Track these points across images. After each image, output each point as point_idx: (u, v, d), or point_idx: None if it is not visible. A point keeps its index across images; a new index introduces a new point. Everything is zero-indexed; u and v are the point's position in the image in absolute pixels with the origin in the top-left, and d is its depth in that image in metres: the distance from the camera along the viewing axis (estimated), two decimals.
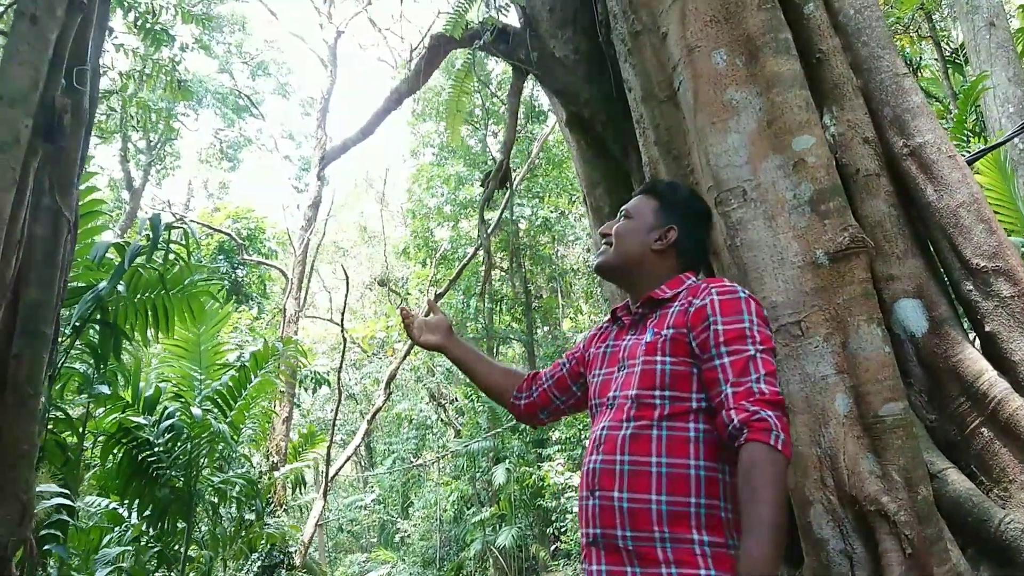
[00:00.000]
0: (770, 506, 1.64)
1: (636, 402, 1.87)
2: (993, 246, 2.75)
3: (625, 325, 2.13)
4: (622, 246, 2.12)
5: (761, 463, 1.67)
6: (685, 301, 1.96)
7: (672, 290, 2.03)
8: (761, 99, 2.86)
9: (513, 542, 15.92)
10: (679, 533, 1.74)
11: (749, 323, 1.85)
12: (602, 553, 1.81)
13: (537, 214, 18.15)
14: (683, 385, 1.87)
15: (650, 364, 1.90)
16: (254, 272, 18.03)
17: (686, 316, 1.91)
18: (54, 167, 2.93)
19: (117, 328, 5.41)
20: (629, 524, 1.77)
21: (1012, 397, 2.58)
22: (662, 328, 1.94)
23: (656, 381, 1.87)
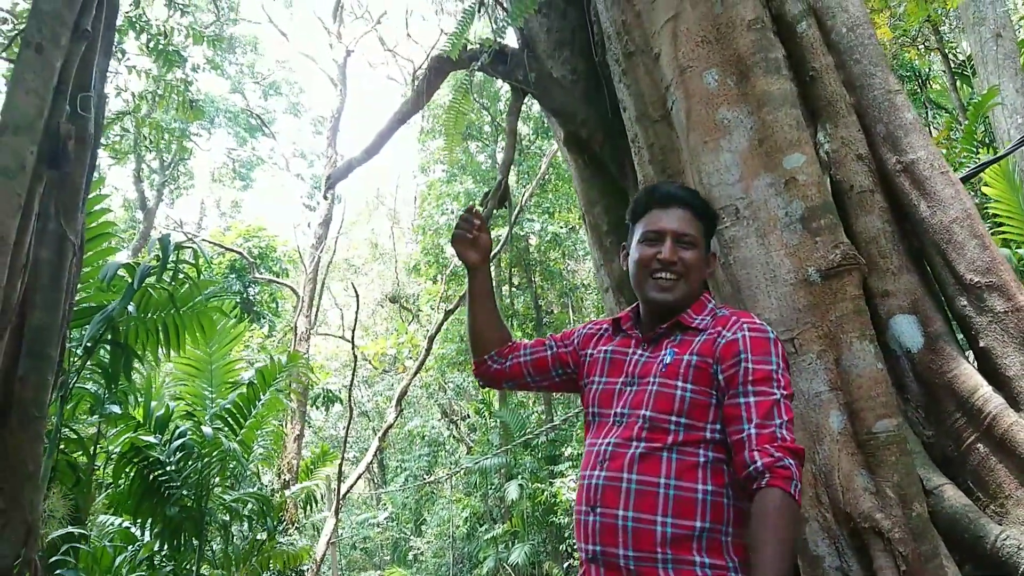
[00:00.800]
0: (782, 549, 1.65)
1: (650, 423, 1.85)
2: (986, 262, 2.76)
3: (632, 337, 2.09)
4: (693, 282, 2.03)
5: (780, 509, 1.68)
6: (714, 331, 1.94)
7: (698, 315, 2.01)
8: (752, 118, 2.89)
9: (526, 559, 15.86)
10: (682, 555, 1.75)
11: (776, 366, 1.85)
12: (602, 570, 1.80)
13: (547, 229, 18.19)
14: (700, 415, 1.86)
15: (669, 388, 1.88)
16: (265, 290, 18.15)
17: (714, 347, 1.90)
18: (59, 192, 2.99)
19: (128, 348, 5.47)
20: (632, 544, 1.76)
21: (1007, 413, 2.58)
22: (684, 353, 1.92)
23: (674, 407, 1.86)
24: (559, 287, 19.65)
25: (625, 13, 3.34)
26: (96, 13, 3.09)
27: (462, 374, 21.14)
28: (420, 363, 14.99)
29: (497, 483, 17.69)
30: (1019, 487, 2.53)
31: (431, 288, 21.13)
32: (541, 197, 18.61)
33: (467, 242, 2.29)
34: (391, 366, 22.61)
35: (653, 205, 2.07)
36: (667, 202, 2.06)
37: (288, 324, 18.56)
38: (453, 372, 20.81)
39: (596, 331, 2.22)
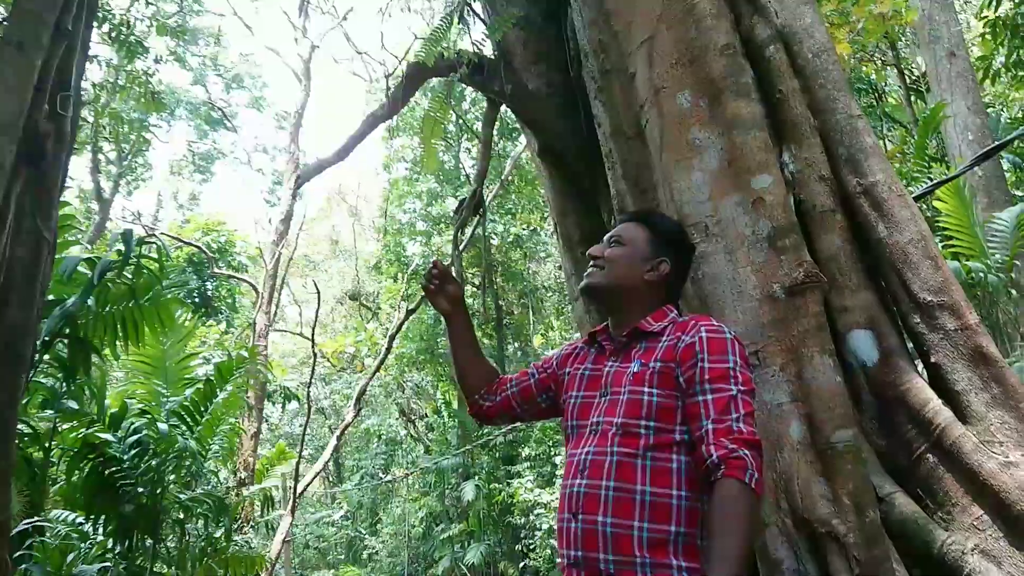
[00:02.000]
0: (739, 539, 1.74)
1: (622, 430, 1.94)
2: (939, 282, 2.91)
3: (605, 350, 2.19)
4: (614, 271, 2.17)
5: (735, 498, 1.77)
6: (674, 336, 2.05)
7: (657, 322, 2.12)
8: (723, 139, 3.01)
9: (482, 559, 15.94)
10: (659, 559, 1.83)
11: (733, 363, 1.95)
12: (583, 574, 1.88)
13: (509, 231, 18.28)
14: (668, 417, 1.95)
15: (637, 394, 1.98)
16: (224, 286, 17.91)
17: (675, 351, 2.00)
18: (36, 190, 2.98)
19: (87, 343, 5.41)
20: (612, 548, 1.84)
21: (955, 425, 2.73)
22: (650, 360, 2.02)
23: (643, 411, 1.95)
24: (520, 288, 19.75)
25: (603, 33, 3.44)
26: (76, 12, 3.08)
27: (420, 373, 21.12)
28: (380, 361, 14.96)
29: (454, 483, 17.73)
30: (965, 495, 2.68)
31: (392, 287, 21.06)
32: (504, 198, 18.70)
33: (436, 293, 2.42)
34: (349, 364, 22.49)
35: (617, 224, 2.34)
36: (623, 219, 2.34)
37: (246, 320, 18.36)
38: (412, 371, 20.79)
39: (573, 350, 2.33)
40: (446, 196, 19.75)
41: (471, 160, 20.63)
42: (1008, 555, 2.54)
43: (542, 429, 15.12)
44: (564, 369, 2.28)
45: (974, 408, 2.77)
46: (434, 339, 19.16)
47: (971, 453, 2.66)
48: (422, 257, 19.78)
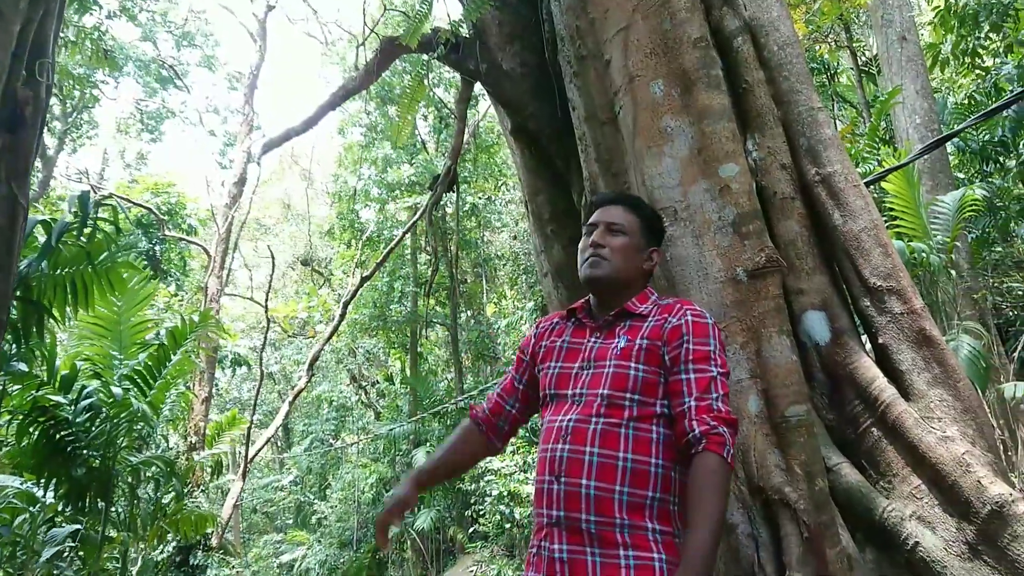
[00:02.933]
0: (716, 508, 1.89)
1: (607, 401, 2.07)
2: (888, 268, 3.11)
3: (585, 326, 2.30)
4: (619, 262, 2.26)
5: (714, 472, 1.92)
6: (660, 317, 2.19)
7: (642, 304, 2.25)
8: (693, 128, 3.15)
9: (432, 524, 16.12)
10: (636, 521, 1.98)
11: (714, 347, 2.11)
12: (564, 534, 1.99)
13: (465, 200, 18.26)
14: (651, 391, 2.09)
15: (623, 368, 2.10)
16: (173, 248, 17.58)
17: (662, 331, 2.14)
18: (11, 157, 2.97)
19: (41, 305, 5.34)
20: (594, 509, 1.97)
21: (898, 402, 2.94)
22: (636, 337, 2.15)
23: (628, 384, 2.08)
24: (474, 257, 19.80)
25: (579, 19, 3.53)
26: None
27: (372, 339, 21.11)
28: (334, 328, 14.94)
29: (405, 449, 17.84)
30: (905, 467, 2.90)
31: (345, 252, 20.93)
32: (460, 166, 18.63)
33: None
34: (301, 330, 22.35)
35: (595, 207, 2.40)
36: (605, 202, 2.39)
37: (196, 283, 18.08)
38: (364, 338, 20.76)
39: (549, 325, 2.43)
40: (401, 163, 19.62)
41: (427, 127, 20.51)
42: (942, 521, 2.77)
43: None
44: (541, 343, 2.39)
45: (916, 386, 2.99)
46: (386, 306, 19.17)
47: (912, 428, 2.87)
48: (376, 224, 19.66)
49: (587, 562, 1.95)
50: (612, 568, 1.93)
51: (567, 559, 1.97)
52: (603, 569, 1.93)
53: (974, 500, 2.68)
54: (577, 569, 1.95)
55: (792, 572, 2.66)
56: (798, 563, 2.66)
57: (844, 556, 2.76)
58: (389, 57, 4.25)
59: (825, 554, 2.69)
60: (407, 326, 19.47)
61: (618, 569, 1.93)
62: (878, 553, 2.89)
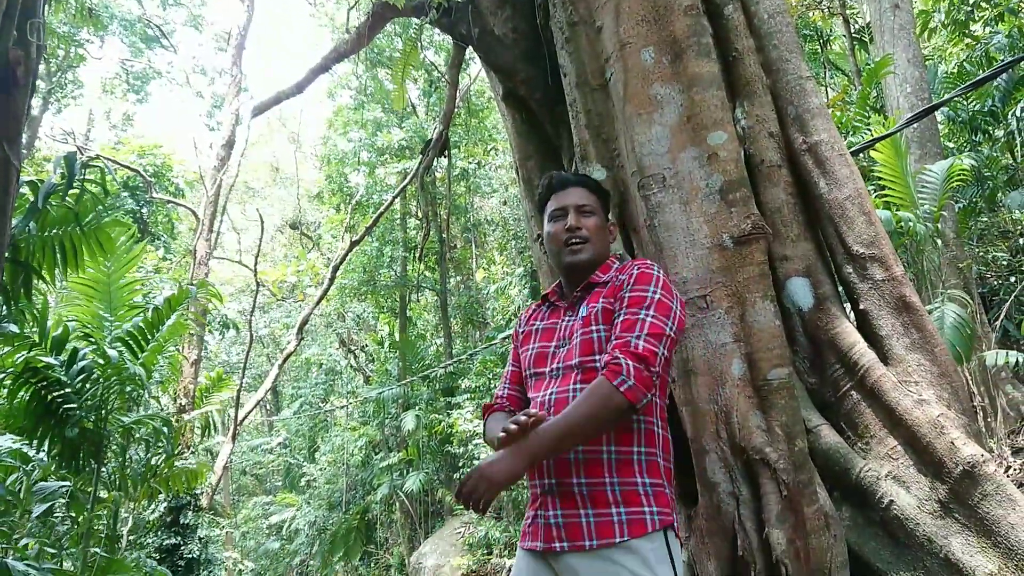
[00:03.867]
0: (574, 418, 1.96)
1: (580, 368, 2.14)
2: (871, 236, 3.18)
3: (559, 307, 2.37)
4: (598, 244, 2.33)
5: (593, 390, 1.99)
6: (615, 278, 2.27)
7: (604, 274, 2.32)
8: (683, 96, 3.19)
9: (420, 487, 16.32)
10: (626, 477, 2.06)
11: (653, 292, 2.15)
12: (557, 500, 2.07)
13: (455, 164, 18.18)
14: None
15: (587, 334, 2.18)
16: (160, 211, 17.46)
17: (615, 289, 2.22)
18: (3, 117, 2.97)
19: (29, 266, 5.34)
20: (584, 472, 2.05)
21: (877, 366, 3.03)
22: (595, 302, 2.22)
23: (595, 347, 2.15)
24: (463, 222, 19.77)
25: None
26: None
27: (363, 304, 21.14)
28: (324, 291, 14.96)
29: (394, 413, 17.98)
30: (882, 428, 3.00)
31: (334, 216, 20.85)
32: (451, 131, 18.50)
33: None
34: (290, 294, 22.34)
35: (554, 190, 2.42)
36: (564, 185, 2.42)
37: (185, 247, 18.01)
38: (353, 302, 20.79)
39: (529, 313, 2.52)
40: (391, 126, 19.48)
41: (417, 91, 20.33)
42: (916, 480, 2.87)
43: (482, 362, 15.41)
44: (523, 328, 2.48)
45: (895, 351, 3.07)
46: (376, 271, 19.17)
47: (890, 391, 2.96)
48: (366, 188, 19.58)
49: (582, 524, 2.03)
50: (606, 526, 2.01)
51: (563, 523, 2.05)
52: (597, 528, 2.01)
53: (947, 460, 2.78)
54: (573, 531, 2.03)
55: (771, 528, 2.77)
56: (777, 520, 2.77)
57: (821, 514, 2.86)
58: (381, 20, 4.23)
59: (803, 511, 2.80)
60: (396, 291, 19.51)
61: (612, 526, 2.01)
62: (854, 511, 2.99)
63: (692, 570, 3.06)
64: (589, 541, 2.00)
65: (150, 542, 11.38)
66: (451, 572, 13.96)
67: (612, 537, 1.99)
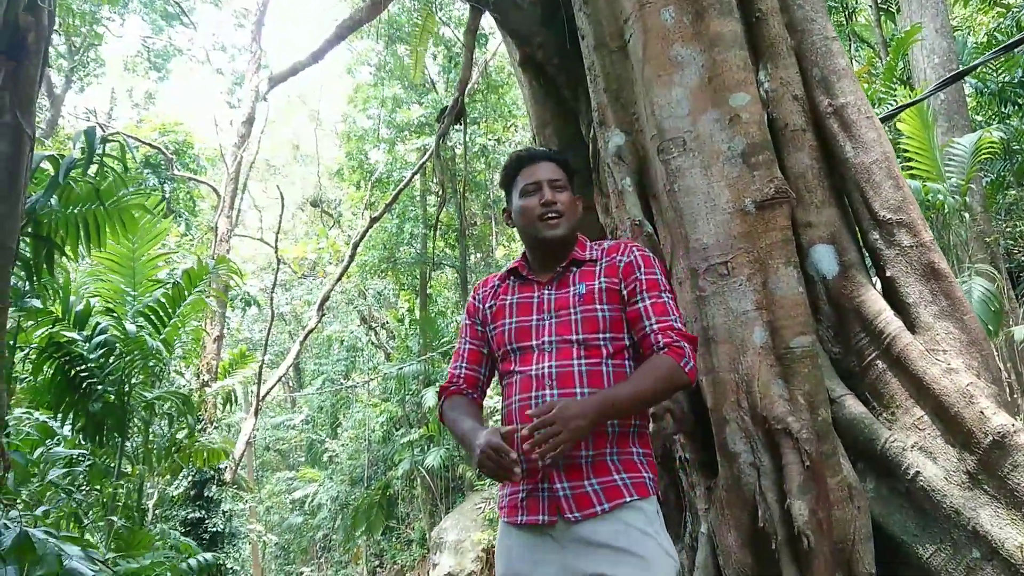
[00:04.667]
0: (643, 388, 2.08)
1: (584, 344, 2.18)
2: (899, 200, 3.08)
3: (531, 281, 2.33)
4: (571, 219, 2.32)
5: (660, 366, 2.11)
6: (609, 259, 2.30)
7: (584, 251, 2.33)
8: (704, 56, 3.09)
9: (441, 462, 16.41)
10: (624, 448, 2.15)
11: (660, 277, 2.27)
12: (563, 473, 2.09)
13: (474, 140, 18.08)
14: (618, 327, 2.22)
15: (591, 312, 2.21)
16: (182, 188, 17.54)
17: (617, 270, 2.26)
18: (16, 85, 2.95)
19: (51, 241, 5.36)
20: (592, 446, 2.10)
21: (903, 334, 2.94)
22: (593, 281, 2.26)
23: (600, 326, 2.20)
24: (483, 199, 19.70)
25: None
26: None
27: (383, 281, 21.18)
28: (344, 268, 14.97)
29: (414, 389, 18.05)
30: (908, 398, 2.92)
31: (354, 194, 20.85)
32: (470, 107, 18.38)
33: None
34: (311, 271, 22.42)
35: (523, 164, 2.38)
36: (534, 159, 2.38)
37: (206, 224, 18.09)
38: (374, 279, 20.83)
39: (490, 288, 2.46)
40: (411, 103, 19.39)
41: (436, 67, 20.20)
42: (943, 451, 2.80)
43: None
44: (485, 305, 2.42)
45: (923, 319, 2.98)
46: (396, 248, 19.17)
47: (917, 360, 2.88)
48: (385, 165, 19.53)
49: (589, 492, 2.08)
50: (613, 490, 2.09)
51: (571, 495, 2.08)
52: (606, 493, 2.08)
53: (976, 430, 2.70)
54: (582, 501, 2.07)
55: (793, 500, 2.71)
56: (799, 491, 2.70)
57: (845, 485, 2.80)
58: None
59: (826, 483, 2.73)
60: (416, 268, 19.51)
61: (619, 489, 2.09)
62: (878, 483, 2.93)
63: (712, 542, 3.01)
64: (600, 506, 2.07)
65: (176, 515, 11.54)
66: (471, 547, 14.05)
67: (622, 497, 2.08)
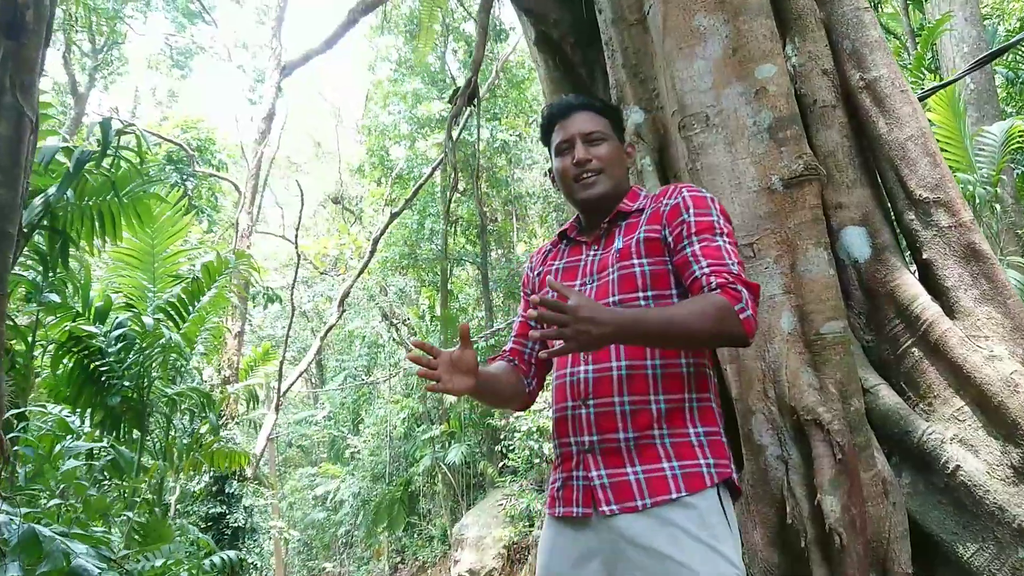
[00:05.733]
0: (673, 317, 1.71)
1: (621, 307, 1.88)
2: (936, 178, 2.90)
3: (580, 243, 2.12)
4: (614, 173, 2.06)
5: (709, 301, 1.73)
6: (655, 204, 2.00)
7: (634, 202, 2.06)
8: (728, 26, 2.93)
9: (462, 459, 16.34)
10: (677, 428, 1.83)
11: (717, 218, 1.91)
12: (599, 459, 1.84)
13: (495, 136, 17.95)
14: (663, 283, 1.91)
15: (627, 268, 1.92)
16: (203, 184, 17.59)
17: (661, 216, 1.96)
18: (15, 65, 2.86)
19: (65, 234, 5.32)
20: (632, 426, 1.82)
21: (941, 320, 2.77)
22: (634, 232, 1.97)
23: (638, 283, 1.90)
24: (504, 195, 19.57)
25: None
26: None
27: (404, 278, 21.14)
28: (364, 264, 14.93)
29: None
30: (947, 388, 2.75)
31: (375, 190, 20.81)
32: (490, 103, 18.30)
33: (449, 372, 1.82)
34: (332, 267, 22.44)
35: (556, 119, 2.12)
36: (567, 112, 2.11)
37: (228, 220, 18.15)
38: (395, 276, 20.79)
39: (542, 254, 2.24)
40: (431, 98, 19.30)
41: (457, 63, 20.11)
42: (985, 444, 2.63)
43: None
44: (535, 273, 2.21)
45: (963, 303, 2.80)
46: (417, 244, 19.11)
47: (956, 347, 2.71)
48: (406, 161, 19.47)
49: (631, 482, 1.80)
50: (659, 482, 1.78)
51: (608, 484, 1.82)
52: (649, 485, 1.78)
53: (1022, 422, 2.53)
54: (622, 492, 1.80)
55: (823, 495, 2.54)
56: (830, 486, 2.54)
57: (879, 480, 2.64)
58: None
59: (859, 477, 2.57)
60: (437, 264, 19.44)
61: (666, 482, 1.78)
62: (915, 478, 2.76)
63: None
64: (642, 500, 1.77)
65: (197, 511, 11.57)
66: (493, 544, 13.94)
67: (667, 493, 1.77)
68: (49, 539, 2.93)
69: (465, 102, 4.06)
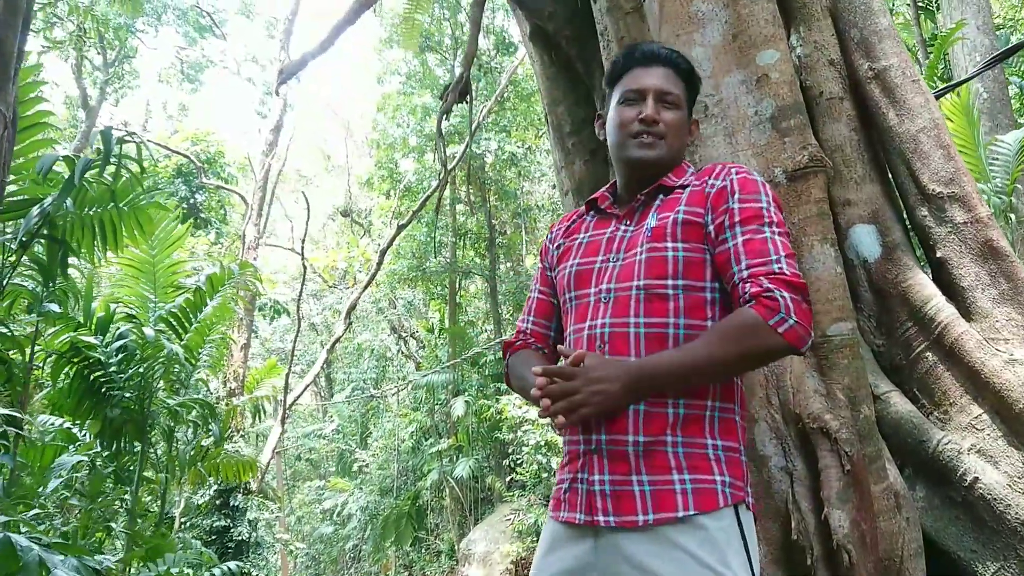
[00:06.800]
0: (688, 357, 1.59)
1: (646, 294, 1.71)
2: (950, 172, 2.74)
3: (610, 215, 1.93)
4: (676, 143, 1.87)
5: (735, 324, 1.59)
6: (700, 182, 1.82)
7: (679, 178, 1.87)
8: (728, 11, 2.78)
9: (470, 473, 16.20)
10: (692, 438, 1.66)
11: (766, 204, 1.73)
12: (605, 461, 1.67)
13: (504, 148, 17.90)
14: (697, 273, 1.73)
15: (659, 251, 1.73)
16: (213, 197, 17.61)
17: (705, 197, 1.77)
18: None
19: (64, 243, 5.25)
20: (643, 429, 1.65)
21: (957, 322, 2.60)
22: (672, 211, 1.78)
23: (668, 269, 1.71)
24: (513, 207, 19.49)
25: None
26: None
27: (412, 291, 21.08)
28: (371, 276, 14.86)
29: (444, 399, 17.88)
30: (964, 394, 2.57)
31: (384, 203, 20.78)
32: (499, 115, 18.25)
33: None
34: (341, 280, 22.41)
35: (634, 64, 1.90)
36: (649, 61, 1.90)
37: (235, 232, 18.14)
38: (403, 288, 20.73)
39: (565, 225, 2.05)
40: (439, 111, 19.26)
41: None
42: (1006, 455, 2.44)
43: None
44: (554, 245, 2.02)
45: (980, 304, 2.63)
46: (425, 256, 19.04)
47: (974, 351, 2.53)
48: (415, 174, 19.44)
49: (634, 492, 1.63)
50: (666, 496, 1.61)
51: (610, 491, 1.65)
52: (654, 499, 1.61)
53: None
54: (624, 504, 1.63)
55: (831, 509, 2.36)
56: (838, 499, 2.36)
57: (891, 493, 2.45)
58: None
59: (869, 490, 2.39)
60: (446, 277, 19.36)
61: (673, 496, 1.61)
62: (930, 490, 2.58)
63: None
64: (644, 516, 1.60)
65: (201, 524, 11.47)
66: (500, 559, 13.74)
67: (673, 511, 1.59)
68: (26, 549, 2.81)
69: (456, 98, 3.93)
